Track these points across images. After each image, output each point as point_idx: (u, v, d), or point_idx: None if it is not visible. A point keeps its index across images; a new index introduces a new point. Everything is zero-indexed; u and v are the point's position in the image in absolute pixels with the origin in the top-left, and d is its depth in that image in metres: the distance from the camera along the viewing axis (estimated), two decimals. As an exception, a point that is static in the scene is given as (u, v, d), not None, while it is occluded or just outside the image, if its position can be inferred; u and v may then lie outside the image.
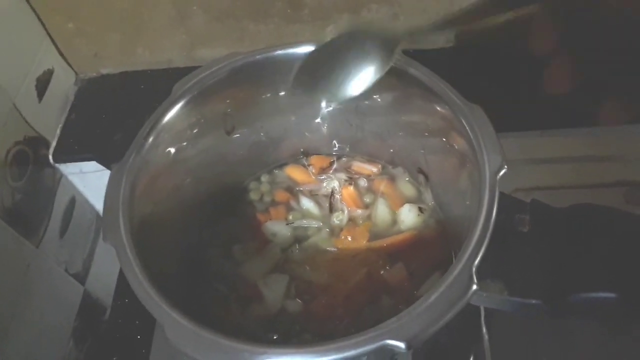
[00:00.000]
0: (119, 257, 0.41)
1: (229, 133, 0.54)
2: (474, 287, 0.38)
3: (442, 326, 0.37)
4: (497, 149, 0.42)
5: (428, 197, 0.58)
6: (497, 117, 0.45)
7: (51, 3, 0.80)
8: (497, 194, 0.40)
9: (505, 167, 0.41)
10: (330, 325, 0.52)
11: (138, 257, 0.41)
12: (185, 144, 0.51)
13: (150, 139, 0.47)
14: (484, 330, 0.58)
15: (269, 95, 0.54)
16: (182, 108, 0.49)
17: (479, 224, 0.40)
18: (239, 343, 0.37)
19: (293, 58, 0.51)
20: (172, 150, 0.49)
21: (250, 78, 0.52)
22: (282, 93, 0.54)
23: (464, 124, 0.44)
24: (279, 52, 0.50)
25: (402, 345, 0.36)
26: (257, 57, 0.50)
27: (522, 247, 0.41)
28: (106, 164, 0.79)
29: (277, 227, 0.57)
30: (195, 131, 0.51)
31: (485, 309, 0.59)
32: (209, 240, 0.57)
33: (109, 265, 0.93)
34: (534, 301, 0.40)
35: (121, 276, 0.76)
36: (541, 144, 0.72)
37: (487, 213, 0.40)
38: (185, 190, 0.53)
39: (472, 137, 0.44)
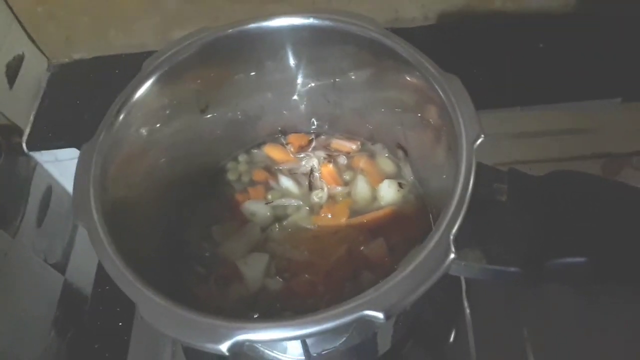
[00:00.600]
0: (90, 237, 0.40)
1: (202, 111, 0.53)
2: (452, 255, 0.37)
3: (420, 295, 0.37)
4: (474, 118, 0.42)
5: (407, 172, 0.57)
6: (477, 94, 0.44)
7: (17, -14, 0.78)
8: (474, 162, 0.40)
9: (483, 135, 0.41)
10: (312, 302, 0.52)
11: (110, 236, 0.40)
12: (157, 122, 0.49)
13: (121, 117, 0.45)
14: (465, 303, 0.58)
15: (243, 71, 0.53)
16: (152, 85, 0.47)
17: (457, 192, 0.39)
18: (215, 319, 0.36)
19: (267, 32, 0.50)
20: (145, 129, 0.48)
21: (223, 54, 0.50)
22: (258, 69, 0.53)
23: (440, 93, 0.44)
24: (252, 25, 0.49)
25: (380, 315, 0.36)
26: (229, 31, 0.49)
27: (500, 216, 0.41)
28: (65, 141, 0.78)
29: (256, 207, 0.57)
30: (167, 109, 0.50)
31: (466, 282, 0.59)
32: (188, 221, 0.56)
33: (89, 254, 0.91)
34: (512, 269, 0.40)
35: (101, 263, 0.75)
36: (520, 118, 0.72)
37: (464, 181, 0.40)
38: (161, 170, 0.52)
39: (447, 106, 0.43)
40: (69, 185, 0.89)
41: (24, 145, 0.80)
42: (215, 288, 0.53)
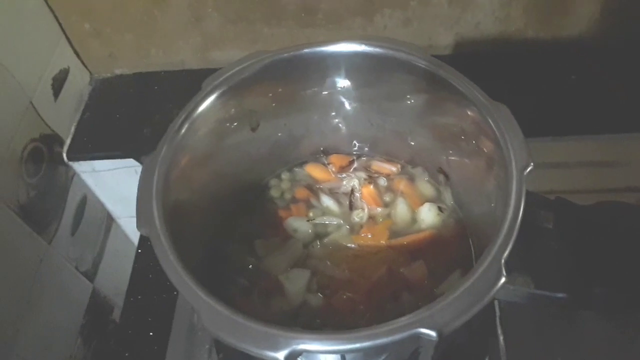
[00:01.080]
0: (154, 246, 0.41)
1: (254, 130, 0.55)
2: (503, 279, 0.38)
3: (472, 316, 0.38)
4: (523, 147, 0.44)
5: (448, 196, 0.59)
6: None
7: (68, 4, 0.81)
8: (524, 189, 0.42)
9: (532, 164, 0.42)
10: (352, 320, 0.52)
11: (172, 245, 0.41)
12: (213, 138, 0.51)
13: (182, 132, 0.47)
14: (499, 329, 0.59)
15: (293, 93, 0.55)
16: (212, 103, 0.49)
17: (508, 218, 0.41)
18: (273, 328, 0.37)
19: (320, 56, 0.52)
20: (201, 144, 0.50)
21: (277, 76, 0.53)
22: (308, 91, 0.55)
23: (490, 122, 0.45)
24: (306, 50, 0.51)
25: (433, 333, 0.37)
26: (285, 55, 0.51)
27: (547, 243, 0.42)
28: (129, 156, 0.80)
29: (298, 224, 0.58)
30: (222, 126, 0.52)
31: (500, 308, 0.59)
32: (232, 235, 0.58)
33: (117, 264, 0.93)
34: (559, 295, 0.41)
35: (134, 273, 0.76)
36: (553, 148, 0.73)
37: (515, 207, 0.41)
38: (211, 185, 0.54)
39: (498, 134, 0.45)
40: (103, 195, 0.92)
41: (64, 155, 0.82)
42: (257, 301, 0.54)
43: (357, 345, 0.37)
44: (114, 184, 0.89)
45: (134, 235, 0.99)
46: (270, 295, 0.54)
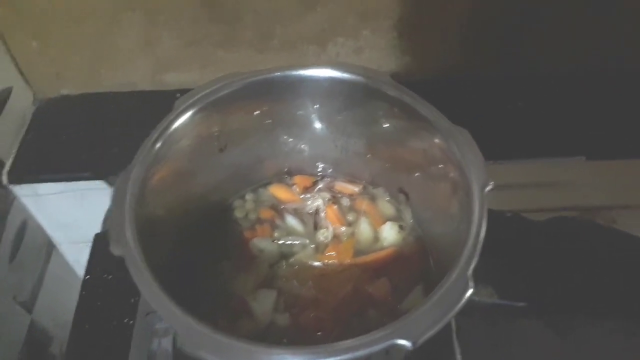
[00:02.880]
0: (129, 267, 0.40)
1: (222, 150, 0.56)
2: (471, 290, 0.41)
3: (444, 325, 0.40)
4: (482, 168, 0.47)
5: (407, 215, 0.61)
6: None
7: (15, 21, 0.78)
8: (485, 206, 0.45)
9: (492, 182, 0.46)
10: (320, 337, 0.53)
11: (146, 264, 0.41)
12: (183, 158, 0.51)
13: (155, 149, 0.47)
14: (456, 344, 0.61)
15: (263, 116, 0.56)
16: (184, 122, 0.49)
17: (472, 233, 0.44)
18: (252, 345, 0.38)
19: (292, 81, 0.54)
20: (172, 163, 0.50)
21: (249, 98, 0.54)
22: (275, 114, 0.56)
23: (452, 145, 0.49)
24: (279, 74, 0.53)
25: (408, 343, 0.39)
26: (258, 78, 0.52)
27: (507, 256, 0.46)
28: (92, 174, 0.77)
29: (264, 244, 0.59)
30: (192, 146, 0.52)
31: (457, 323, 0.62)
32: (197, 257, 0.57)
33: (57, 293, 0.88)
34: (520, 303, 0.44)
35: (82, 300, 0.73)
36: (494, 171, 0.78)
37: (478, 224, 0.44)
38: (179, 205, 0.53)
39: (459, 157, 0.48)
40: (44, 220, 0.87)
41: (4, 177, 0.78)
42: (224, 323, 0.53)
43: (338, 358, 0.38)
44: (56, 208, 0.85)
45: (76, 263, 0.94)
46: (238, 317, 0.54)
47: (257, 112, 0.55)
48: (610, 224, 0.68)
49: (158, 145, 0.47)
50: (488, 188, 0.46)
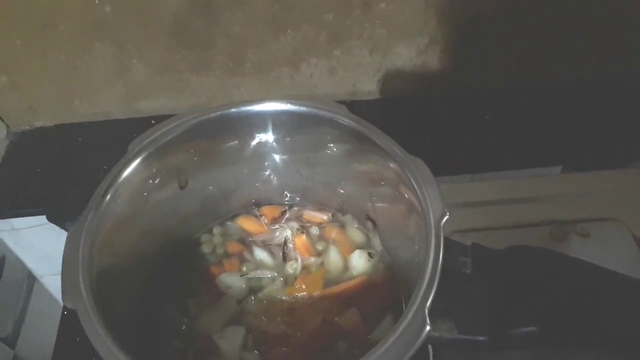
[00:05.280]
0: (82, 320, 0.40)
1: (182, 187, 0.55)
2: (427, 327, 0.40)
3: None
4: (438, 198, 0.46)
5: (376, 242, 0.61)
6: (430, 162, 0.49)
7: (-18, 57, 0.78)
8: (442, 239, 0.44)
9: (448, 214, 0.45)
10: (289, 375, 0.53)
11: (100, 317, 0.40)
12: (140, 199, 0.51)
13: (108, 197, 0.46)
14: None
15: (222, 150, 0.56)
16: (138, 165, 0.49)
17: (428, 268, 0.43)
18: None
19: (246, 115, 0.54)
20: (128, 206, 0.49)
21: (205, 134, 0.53)
22: (237, 147, 0.56)
23: (408, 175, 0.48)
24: (234, 110, 0.52)
25: (364, 389, 0.38)
26: (212, 115, 0.52)
27: (467, 288, 0.45)
28: (53, 219, 0.77)
29: (231, 279, 0.58)
30: (150, 185, 0.51)
31: (434, 351, 0.62)
32: (164, 296, 0.57)
33: (41, 326, 0.88)
34: (480, 337, 0.43)
35: (60, 336, 0.72)
36: (472, 188, 0.78)
37: (434, 258, 0.43)
38: (139, 245, 0.53)
39: (416, 187, 0.47)
40: (23, 254, 0.87)
41: (-21, 213, 0.78)
42: (192, 363, 0.53)
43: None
44: (35, 241, 0.85)
45: (59, 294, 0.94)
46: (206, 356, 0.53)
47: (214, 148, 0.55)
48: (585, 238, 0.67)
49: (111, 192, 0.47)
50: (444, 219, 0.45)
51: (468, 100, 0.89)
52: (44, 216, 0.79)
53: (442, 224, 0.45)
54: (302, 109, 0.52)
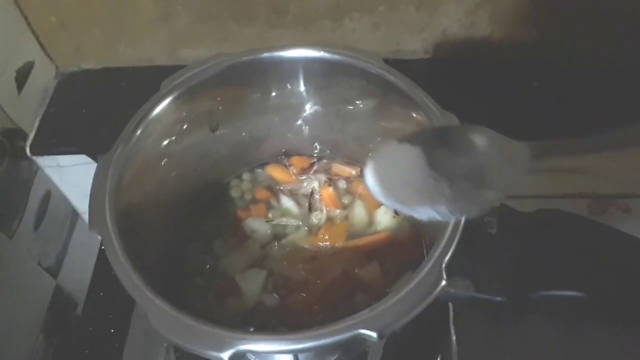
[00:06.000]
0: (104, 246, 0.42)
1: (213, 130, 0.56)
2: (443, 282, 0.40)
3: (412, 318, 0.39)
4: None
5: (403, 200, 0.60)
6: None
7: (34, -4, 0.80)
8: (467, 195, 0.43)
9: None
10: (306, 320, 0.54)
11: (123, 245, 0.42)
12: (171, 139, 0.52)
13: (138, 132, 0.48)
14: (452, 329, 0.60)
15: (254, 96, 0.56)
16: (169, 104, 0.50)
17: (450, 224, 0.42)
18: (220, 329, 0.38)
19: (280, 61, 0.53)
20: (158, 144, 0.50)
21: (237, 79, 0.53)
22: (268, 94, 0.56)
23: (439, 127, 0.47)
24: (266, 54, 0.52)
25: (374, 334, 0.38)
26: (244, 58, 0.52)
27: (490, 248, 0.44)
28: (91, 156, 0.80)
29: (257, 224, 0.59)
30: (181, 127, 0.52)
31: (454, 309, 0.61)
32: (190, 235, 0.58)
33: (82, 260, 0.92)
34: (498, 298, 0.42)
35: (97, 270, 0.76)
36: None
37: (458, 214, 0.42)
38: (169, 184, 0.54)
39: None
40: (67, 191, 0.91)
41: (27, 149, 0.81)
42: (213, 301, 0.55)
43: (300, 345, 0.38)
44: (78, 179, 0.88)
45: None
46: (227, 296, 0.55)
47: (246, 94, 0.55)
48: (625, 213, 0.64)
49: (141, 127, 0.48)
50: (473, 177, 0.44)
51: (516, 66, 0.85)
52: (85, 155, 0.83)
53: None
54: (336, 57, 0.51)
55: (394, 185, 0.37)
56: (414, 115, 0.51)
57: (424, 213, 0.37)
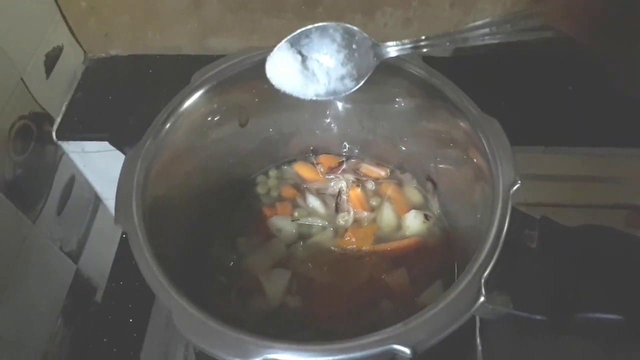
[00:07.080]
0: (130, 242, 0.41)
1: (243, 125, 0.54)
2: (482, 298, 0.38)
3: (447, 335, 0.37)
4: (511, 163, 0.43)
5: (434, 205, 0.58)
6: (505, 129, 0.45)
7: (65, -21, 0.80)
8: (509, 208, 0.41)
9: (519, 182, 0.42)
10: (330, 324, 0.52)
11: (149, 242, 0.41)
12: (199, 132, 0.51)
13: (167, 126, 0.46)
14: (478, 340, 0.58)
15: (282, 92, 0.54)
16: (199, 97, 0.49)
17: (490, 236, 0.40)
18: (245, 335, 0.37)
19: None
20: (187, 138, 0.49)
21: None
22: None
23: (480, 135, 0.45)
24: (301, 49, 0.50)
25: (407, 350, 0.37)
26: (277, 52, 0.50)
27: (530, 263, 0.42)
28: (115, 144, 0.79)
29: (283, 223, 0.58)
30: (210, 121, 0.51)
31: (481, 321, 0.59)
32: (214, 231, 0.57)
33: (103, 246, 0.92)
34: (538, 317, 0.40)
35: (117, 258, 0.76)
36: (544, 160, 0.73)
37: (498, 226, 0.40)
38: (196, 178, 0.53)
39: (487, 149, 0.44)
40: (91, 176, 0.91)
41: (53, 134, 0.81)
42: (235, 299, 0.53)
43: (329, 358, 0.37)
44: (103, 165, 0.88)
45: (121, 218, 0.98)
46: (250, 295, 0.54)
47: (277, 89, 0.53)
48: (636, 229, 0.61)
49: (170, 120, 0.47)
50: (515, 187, 0.42)
51: (551, 68, 0.82)
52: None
53: (511, 191, 0.42)
54: (373, 54, 0.49)
55: (285, 77, 0.47)
56: (450, 116, 0.49)
57: (308, 95, 0.47)
